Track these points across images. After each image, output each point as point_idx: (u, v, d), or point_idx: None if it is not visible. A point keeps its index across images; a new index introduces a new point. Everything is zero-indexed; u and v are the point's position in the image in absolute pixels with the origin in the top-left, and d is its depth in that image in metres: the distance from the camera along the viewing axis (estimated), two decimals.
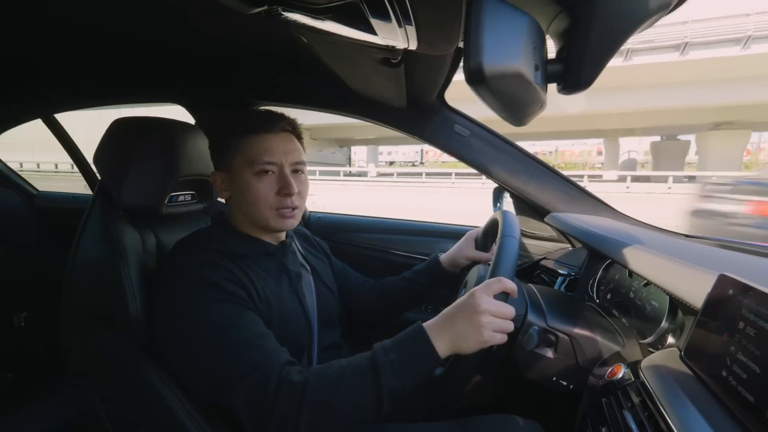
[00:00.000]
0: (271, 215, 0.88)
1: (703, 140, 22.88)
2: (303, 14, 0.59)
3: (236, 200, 0.90)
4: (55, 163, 19.78)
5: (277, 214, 0.88)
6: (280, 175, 0.88)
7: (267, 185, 0.87)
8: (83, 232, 0.93)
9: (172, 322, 0.78)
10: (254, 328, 0.76)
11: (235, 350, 0.72)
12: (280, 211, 0.88)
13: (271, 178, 0.87)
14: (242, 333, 0.74)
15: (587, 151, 69.09)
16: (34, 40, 1.13)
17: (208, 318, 0.74)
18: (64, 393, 1.23)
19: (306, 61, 1.18)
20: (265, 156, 0.86)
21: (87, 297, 0.91)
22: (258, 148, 0.86)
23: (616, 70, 16.02)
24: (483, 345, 0.71)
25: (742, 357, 0.50)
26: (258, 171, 0.86)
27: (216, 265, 0.80)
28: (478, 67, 0.47)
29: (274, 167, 0.87)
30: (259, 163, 0.85)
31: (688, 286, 0.66)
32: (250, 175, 0.86)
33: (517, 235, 0.85)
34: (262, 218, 0.88)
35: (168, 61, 1.28)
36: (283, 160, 0.88)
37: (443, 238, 1.66)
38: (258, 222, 0.90)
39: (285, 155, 0.88)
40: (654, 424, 0.56)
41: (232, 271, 0.81)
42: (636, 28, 0.52)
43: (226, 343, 0.72)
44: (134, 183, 0.92)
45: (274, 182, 0.87)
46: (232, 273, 0.81)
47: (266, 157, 0.86)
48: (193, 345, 0.74)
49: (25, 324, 1.62)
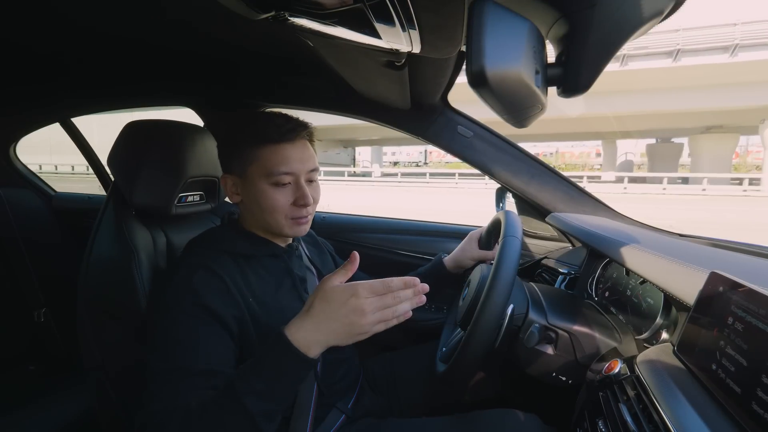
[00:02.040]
0: (286, 223, 0.87)
1: (695, 143, 23.61)
2: (309, 19, 0.60)
3: (249, 206, 0.89)
4: (71, 165, 19.97)
5: (292, 222, 0.87)
6: (297, 186, 0.86)
7: (283, 196, 0.85)
8: (97, 232, 0.96)
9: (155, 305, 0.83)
10: (204, 360, 0.72)
11: (170, 373, 0.70)
12: (295, 220, 0.87)
13: (287, 189, 0.86)
14: (188, 360, 0.71)
15: (586, 153, 69.08)
16: (53, 46, 1.16)
17: (172, 327, 0.74)
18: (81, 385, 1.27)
19: (311, 63, 1.19)
20: (282, 167, 0.83)
21: (101, 294, 0.93)
22: (275, 158, 0.84)
23: (613, 75, 16.66)
24: (363, 335, 0.67)
25: (730, 351, 0.52)
26: (275, 182, 0.84)
27: (212, 272, 0.79)
28: (481, 70, 0.48)
29: (291, 178, 0.85)
30: (277, 174, 0.83)
31: (681, 284, 0.68)
32: (266, 185, 0.84)
33: (519, 234, 0.87)
34: (276, 225, 0.87)
35: (178, 65, 1.30)
36: (300, 169, 0.86)
37: (447, 237, 1.67)
38: (271, 228, 0.89)
39: (302, 164, 0.86)
40: (648, 416, 0.58)
41: (225, 280, 0.79)
42: (631, 34, 0.54)
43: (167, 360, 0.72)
44: (145, 184, 0.95)
45: (291, 193, 0.86)
46: (224, 284, 0.79)
47: (284, 168, 0.84)
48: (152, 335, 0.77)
49: (44, 319, 1.66)
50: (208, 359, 0.72)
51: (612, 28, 0.54)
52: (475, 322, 0.78)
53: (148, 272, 0.91)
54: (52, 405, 1.21)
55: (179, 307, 0.75)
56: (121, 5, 0.86)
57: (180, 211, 1.03)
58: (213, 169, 1.07)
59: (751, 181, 20.06)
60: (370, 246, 1.73)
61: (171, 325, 0.74)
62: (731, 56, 16.01)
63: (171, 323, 0.75)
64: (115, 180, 0.98)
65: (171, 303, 0.76)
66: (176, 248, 1.04)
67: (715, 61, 16.22)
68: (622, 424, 0.61)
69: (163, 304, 0.78)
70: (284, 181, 0.84)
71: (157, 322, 0.77)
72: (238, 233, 0.91)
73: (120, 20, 0.94)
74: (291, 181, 0.86)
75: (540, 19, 0.59)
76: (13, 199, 1.68)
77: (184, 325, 0.74)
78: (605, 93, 17.36)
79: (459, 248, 1.18)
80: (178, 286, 0.78)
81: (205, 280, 0.78)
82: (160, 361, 0.72)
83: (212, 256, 0.83)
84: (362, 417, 0.99)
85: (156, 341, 0.75)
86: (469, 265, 1.16)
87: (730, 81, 16.52)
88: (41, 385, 1.48)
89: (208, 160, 1.06)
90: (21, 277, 1.63)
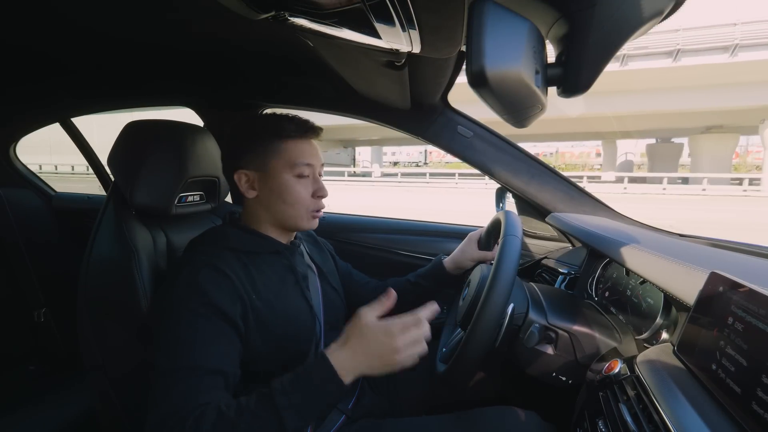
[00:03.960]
0: (305, 216, 0.92)
1: (695, 143, 23.65)
2: (309, 19, 0.60)
3: (267, 199, 0.91)
4: (71, 165, 20.00)
5: (310, 215, 0.93)
6: (314, 179, 0.93)
7: (304, 188, 0.91)
8: (97, 232, 0.96)
9: (158, 304, 0.83)
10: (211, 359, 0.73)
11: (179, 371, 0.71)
12: (312, 213, 0.93)
13: (307, 181, 0.92)
14: (197, 359, 0.72)
15: (586, 153, 69.12)
16: (54, 46, 1.16)
17: (179, 326, 0.74)
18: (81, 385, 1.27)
19: (311, 63, 1.20)
20: (306, 158, 0.90)
21: (101, 294, 0.93)
22: (298, 150, 0.90)
23: (613, 75, 16.73)
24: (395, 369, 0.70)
25: (730, 351, 0.52)
26: (298, 173, 0.90)
27: (216, 270, 0.80)
28: (481, 70, 0.49)
29: (310, 170, 0.91)
30: (301, 165, 0.89)
31: (681, 284, 0.68)
32: (290, 177, 0.89)
33: (520, 234, 0.87)
34: (295, 218, 0.92)
35: (178, 65, 1.30)
36: (317, 163, 0.93)
37: (447, 238, 1.68)
38: (288, 221, 0.92)
39: (317, 159, 0.93)
40: (648, 416, 0.58)
41: (231, 278, 0.80)
42: (631, 34, 0.54)
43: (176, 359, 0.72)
44: (146, 184, 0.95)
45: (310, 185, 0.92)
46: (230, 281, 0.80)
47: (306, 159, 0.90)
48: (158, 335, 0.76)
49: (44, 319, 1.67)
50: (215, 358, 0.73)
51: (612, 28, 0.54)
52: (475, 321, 0.77)
53: (149, 272, 0.91)
54: (52, 405, 1.21)
55: (185, 305, 0.75)
56: (122, 5, 0.86)
57: (180, 211, 1.03)
58: (213, 169, 1.07)
59: (751, 181, 20.11)
60: (370, 246, 1.73)
61: (178, 324, 0.74)
62: (731, 56, 16.06)
63: (177, 322, 0.75)
64: (115, 180, 0.98)
65: (177, 301, 0.76)
66: (176, 248, 1.04)
67: (715, 61, 16.27)
68: (622, 424, 0.61)
69: (168, 303, 0.78)
70: (305, 173, 0.91)
71: (163, 321, 0.76)
72: (240, 230, 0.92)
73: (120, 20, 0.95)
74: (310, 174, 0.92)
75: (540, 19, 0.59)
76: (13, 199, 1.68)
77: (191, 323, 0.74)
78: (605, 93, 17.40)
79: (458, 249, 1.18)
80: (183, 285, 0.78)
81: (210, 277, 0.78)
82: (168, 360, 0.72)
83: (216, 254, 0.83)
84: (362, 417, 0.99)
85: (163, 340, 0.75)
86: (468, 266, 1.16)
87: (730, 81, 16.56)
88: (41, 385, 1.48)
89: (208, 160, 1.06)
90: (21, 277, 1.63)
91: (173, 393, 0.69)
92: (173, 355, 0.72)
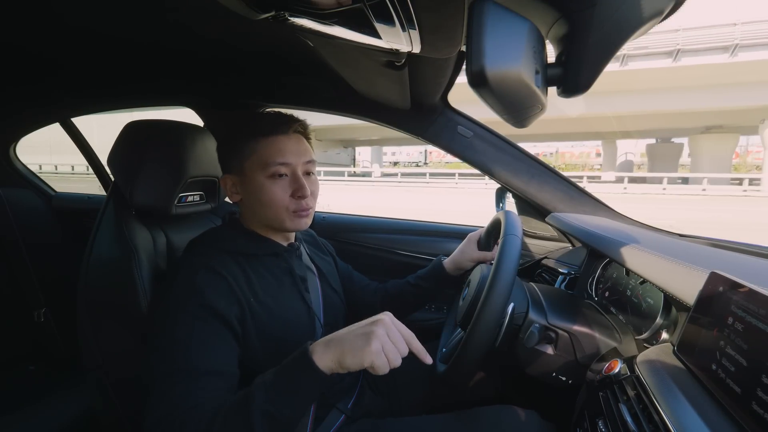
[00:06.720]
0: (287, 217, 0.88)
1: (695, 143, 23.69)
2: (309, 19, 0.60)
3: (249, 203, 0.90)
4: (71, 165, 20.02)
5: (293, 215, 0.88)
6: (294, 178, 0.87)
7: (281, 188, 0.86)
8: (97, 232, 0.96)
9: (156, 306, 0.83)
10: (208, 361, 0.73)
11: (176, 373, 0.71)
12: (295, 213, 0.88)
13: (284, 181, 0.87)
14: (193, 361, 0.71)
15: (586, 153, 69.23)
16: (54, 46, 1.16)
17: (175, 328, 0.74)
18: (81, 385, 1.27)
19: (311, 63, 1.20)
20: (278, 158, 0.85)
21: (101, 294, 0.93)
22: (271, 150, 0.85)
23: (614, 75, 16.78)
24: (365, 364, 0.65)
25: (730, 351, 0.52)
26: (272, 173, 0.85)
27: (214, 271, 0.79)
28: (481, 70, 0.48)
29: (288, 169, 0.87)
30: (273, 165, 0.85)
31: (681, 284, 0.68)
32: (263, 178, 0.85)
33: (520, 233, 0.87)
34: (277, 220, 0.88)
35: (178, 65, 1.30)
36: (296, 161, 0.87)
37: (447, 238, 1.68)
38: (273, 224, 0.90)
39: (297, 156, 0.87)
40: (648, 416, 0.58)
41: (228, 280, 0.80)
42: (631, 34, 0.54)
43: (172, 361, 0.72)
44: (145, 184, 0.95)
45: (288, 185, 0.87)
46: (227, 284, 0.79)
47: (279, 158, 0.85)
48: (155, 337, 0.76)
49: (44, 319, 1.66)
50: (212, 359, 0.73)
51: (612, 28, 0.54)
52: (475, 322, 0.77)
53: (148, 272, 0.91)
54: (52, 405, 1.21)
55: (182, 307, 0.75)
56: (121, 5, 0.86)
57: (180, 211, 1.03)
58: (213, 169, 1.07)
59: (751, 181, 20.11)
60: (370, 246, 1.73)
61: (174, 326, 0.74)
62: (731, 56, 16.09)
63: (174, 324, 0.74)
64: (115, 180, 0.98)
65: (174, 303, 0.76)
66: (176, 248, 1.04)
67: (715, 61, 16.30)
68: (622, 424, 0.61)
69: (166, 304, 0.78)
70: (281, 172, 0.86)
71: (160, 322, 0.76)
72: (239, 232, 0.92)
73: (120, 20, 0.94)
74: (287, 173, 0.87)
75: (540, 19, 0.59)
76: (13, 199, 1.68)
77: (187, 325, 0.74)
78: (605, 93, 17.44)
79: (458, 250, 1.18)
80: (180, 287, 0.78)
81: (207, 279, 0.78)
82: (164, 362, 0.72)
83: (214, 256, 0.83)
84: (362, 417, 0.99)
85: (159, 342, 0.75)
86: (468, 267, 1.16)
87: (730, 81, 16.60)
88: (41, 385, 1.48)
89: (208, 160, 1.06)
90: (21, 277, 1.63)
91: (170, 395, 0.69)
92: (170, 357, 0.72)
